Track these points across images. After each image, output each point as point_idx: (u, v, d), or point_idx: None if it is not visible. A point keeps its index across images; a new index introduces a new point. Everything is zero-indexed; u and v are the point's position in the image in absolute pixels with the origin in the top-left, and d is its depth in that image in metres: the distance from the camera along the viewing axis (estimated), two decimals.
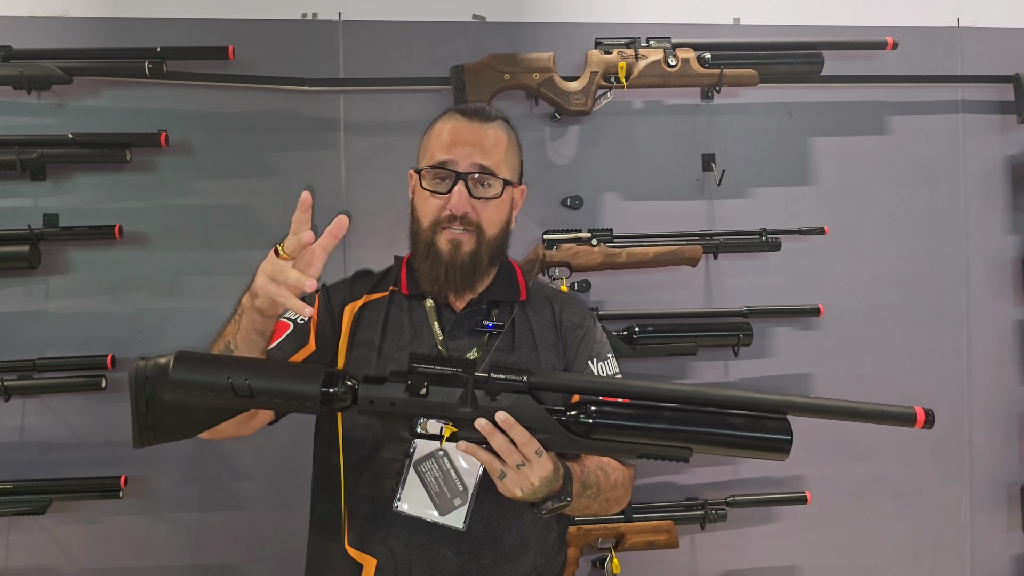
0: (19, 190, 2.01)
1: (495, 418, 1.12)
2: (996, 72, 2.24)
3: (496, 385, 1.14)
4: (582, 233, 2.07)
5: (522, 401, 1.14)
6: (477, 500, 1.30)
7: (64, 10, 2.04)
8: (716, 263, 2.17)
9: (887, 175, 2.26)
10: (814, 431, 2.20)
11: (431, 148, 1.40)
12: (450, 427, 1.14)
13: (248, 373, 1.12)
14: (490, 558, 1.31)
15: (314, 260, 1.16)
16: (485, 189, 1.37)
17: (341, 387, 1.14)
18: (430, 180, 1.37)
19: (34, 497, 1.94)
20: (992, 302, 2.29)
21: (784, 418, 1.14)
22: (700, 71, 2.06)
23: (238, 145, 2.07)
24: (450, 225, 1.35)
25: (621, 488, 1.41)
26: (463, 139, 1.37)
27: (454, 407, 1.13)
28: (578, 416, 1.14)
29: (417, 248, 1.40)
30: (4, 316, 2.01)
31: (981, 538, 2.29)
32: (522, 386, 1.14)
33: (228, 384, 1.11)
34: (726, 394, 1.18)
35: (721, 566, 2.21)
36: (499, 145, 1.40)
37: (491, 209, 1.37)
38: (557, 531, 1.44)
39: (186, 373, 1.12)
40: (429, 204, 1.37)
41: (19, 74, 1.93)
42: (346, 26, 2.10)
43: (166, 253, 2.05)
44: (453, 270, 1.35)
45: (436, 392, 1.14)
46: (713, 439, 1.13)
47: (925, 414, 1.13)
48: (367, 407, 1.14)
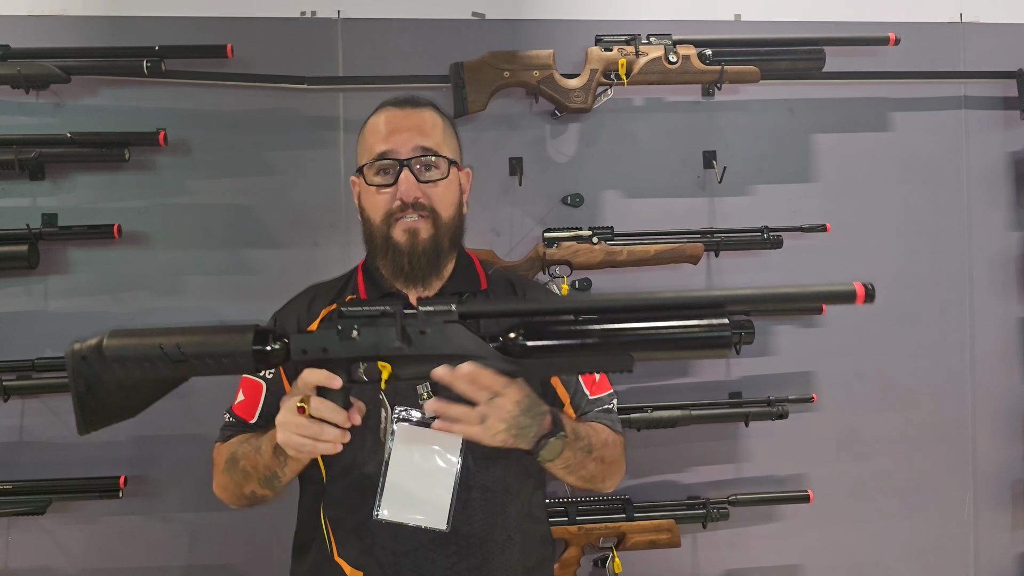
0: (17, 189, 2.01)
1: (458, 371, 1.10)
2: (999, 68, 2.24)
3: (425, 317, 1.13)
4: (583, 231, 2.06)
5: (454, 330, 1.12)
6: (461, 499, 1.28)
7: (62, 9, 2.03)
8: (717, 261, 2.17)
9: (889, 172, 2.25)
10: (816, 430, 2.21)
11: (368, 143, 1.38)
12: (386, 365, 1.12)
13: (179, 338, 1.12)
14: (479, 556, 1.29)
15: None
16: (431, 171, 1.35)
17: (273, 342, 1.14)
18: (374, 175, 1.35)
19: (34, 497, 1.94)
20: (995, 299, 2.28)
21: (722, 311, 1.10)
22: (701, 68, 2.05)
23: (237, 144, 2.06)
24: (403, 215, 1.33)
25: (613, 448, 1.38)
26: (400, 126, 1.36)
27: (387, 344, 1.12)
28: (515, 339, 1.12)
29: (374, 246, 1.38)
30: (3, 316, 2.01)
31: (985, 536, 2.28)
32: (452, 315, 1.13)
33: (160, 351, 1.12)
34: (663, 297, 1.15)
35: (723, 565, 2.20)
36: (436, 126, 1.39)
37: (441, 190, 1.35)
38: (543, 524, 1.43)
39: (120, 347, 1.13)
40: (377, 199, 1.35)
41: (17, 73, 1.92)
42: (345, 24, 2.10)
43: (165, 252, 2.04)
44: (415, 258, 1.33)
45: (367, 334, 1.13)
46: (651, 343, 1.10)
47: (865, 288, 1.08)
48: (301, 357, 1.13)
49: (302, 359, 1.14)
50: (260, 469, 1.27)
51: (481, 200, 2.11)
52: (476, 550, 1.30)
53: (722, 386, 2.18)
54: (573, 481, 1.34)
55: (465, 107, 2.02)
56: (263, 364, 1.14)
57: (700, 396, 2.13)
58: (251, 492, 1.32)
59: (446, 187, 1.36)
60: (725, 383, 2.18)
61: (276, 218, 2.07)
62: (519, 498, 1.35)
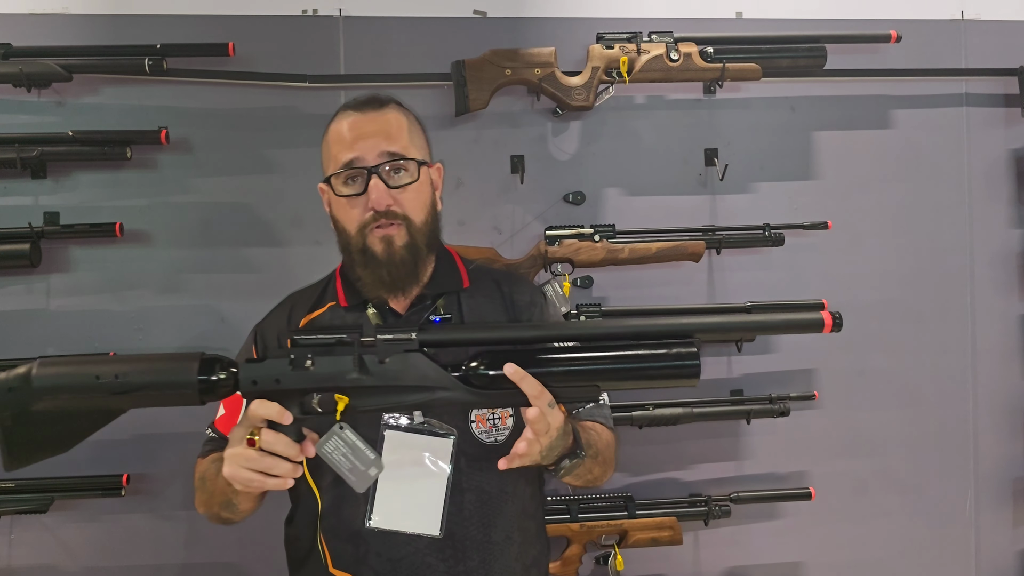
0: (19, 188, 2.01)
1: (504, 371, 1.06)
2: (1000, 65, 2.24)
3: (385, 346, 1.08)
4: (584, 229, 2.06)
5: (414, 360, 1.09)
6: (455, 503, 1.27)
7: (64, 7, 2.03)
8: (719, 258, 2.17)
9: (891, 169, 2.25)
10: (818, 428, 2.21)
11: (333, 152, 1.33)
12: (343, 397, 1.08)
13: (118, 368, 1.06)
14: (478, 558, 1.28)
15: None
16: (400, 176, 1.30)
17: (220, 372, 1.08)
18: (342, 184, 1.31)
19: (36, 495, 1.94)
20: (997, 296, 2.28)
21: (690, 341, 1.08)
22: (702, 65, 2.05)
23: (239, 142, 2.06)
24: (376, 223, 1.29)
25: (611, 448, 1.38)
26: (364, 131, 1.31)
27: (343, 375, 1.07)
28: (477, 368, 1.09)
29: (351, 257, 1.34)
30: (5, 315, 2.01)
31: (986, 534, 2.28)
32: (412, 344, 1.09)
33: (97, 382, 1.05)
34: (630, 327, 1.13)
35: (725, 563, 2.20)
36: (402, 127, 1.34)
37: (412, 194, 1.31)
38: (537, 517, 1.42)
39: (51, 377, 1.06)
40: (349, 211, 1.31)
41: (19, 72, 1.92)
42: (346, 22, 2.10)
43: (167, 251, 2.04)
44: (393, 267, 1.30)
45: (322, 363, 1.08)
46: (618, 373, 1.08)
47: (832, 317, 1.10)
48: (251, 388, 1.08)
49: (252, 390, 1.08)
50: (218, 494, 1.26)
51: (483, 198, 2.12)
52: (473, 552, 1.28)
53: (724, 384, 2.18)
54: (576, 484, 1.34)
55: (467, 105, 2.02)
56: (210, 395, 1.09)
57: (702, 394, 2.13)
58: (216, 514, 1.31)
59: (417, 190, 1.32)
60: (727, 380, 2.18)
61: (278, 216, 2.07)
62: (516, 497, 1.34)
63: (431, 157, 1.42)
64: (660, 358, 1.08)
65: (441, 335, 1.13)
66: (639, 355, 1.08)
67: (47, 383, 1.06)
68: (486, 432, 1.30)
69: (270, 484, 1.09)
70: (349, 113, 1.35)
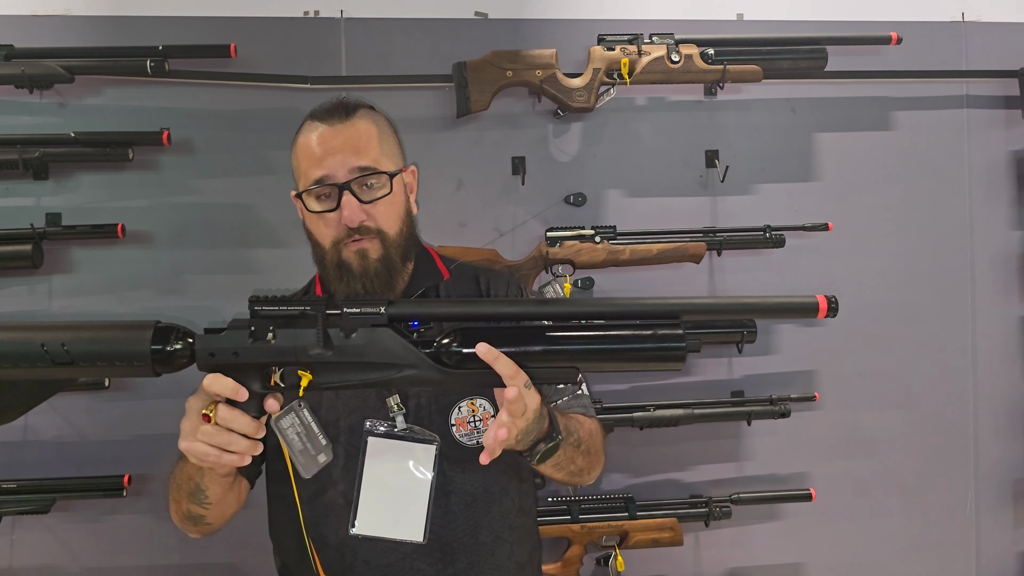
0: (21, 189, 2.01)
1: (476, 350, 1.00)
2: (1001, 67, 2.24)
3: (351, 320, 1.02)
4: (585, 230, 2.06)
5: (382, 335, 1.02)
6: (440, 506, 1.26)
7: (66, 9, 2.03)
8: (720, 260, 2.17)
9: (891, 171, 2.25)
10: (818, 429, 2.22)
11: (303, 167, 1.29)
12: (306, 374, 1.03)
13: (66, 336, 1.00)
14: (466, 561, 1.27)
15: None
16: (373, 190, 1.27)
17: (176, 343, 1.02)
18: (314, 201, 1.28)
19: (38, 496, 1.94)
20: (997, 298, 2.29)
21: (676, 322, 1.02)
22: (703, 67, 2.05)
23: (240, 143, 2.06)
24: (350, 239, 1.26)
25: (596, 438, 1.35)
26: (331, 146, 1.27)
27: (305, 349, 1.01)
28: (449, 345, 1.02)
29: (327, 271, 1.31)
30: (7, 315, 2.00)
31: (986, 535, 2.28)
32: (381, 318, 1.02)
33: (42, 351, 0.99)
34: (616, 304, 1.07)
35: (725, 564, 2.21)
36: (371, 138, 1.29)
37: (385, 207, 1.28)
38: (531, 513, 1.40)
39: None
40: (322, 227, 1.28)
41: (21, 73, 1.92)
42: (348, 24, 2.10)
43: (169, 252, 2.05)
44: (368, 280, 1.27)
45: (284, 336, 1.02)
46: (598, 354, 1.02)
47: (828, 301, 1.02)
48: (207, 360, 1.02)
49: (210, 363, 1.03)
50: (185, 483, 1.23)
51: (483, 199, 2.12)
52: (462, 555, 1.27)
53: (724, 385, 2.18)
54: (560, 477, 1.29)
55: (468, 106, 2.02)
56: (164, 367, 1.04)
57: (702, 395, 2.13)
58: (187, 511, 1.27)
59: (390, 203, 1.29)
60: (727, 382, 2.19)
61: (279, 217, 2.07)
62: (505, 497, 1.32)
63: (404, 160, 1.39)
64: (644, 339, 1.01)
65: (412, 308, 1.06)
66: (621, 335, 1.02)
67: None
68: (467, 435, 1.29)
69: (227, 460, 1.05)
70: (316, 125, 1.31)
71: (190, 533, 1.33)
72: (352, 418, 1.28)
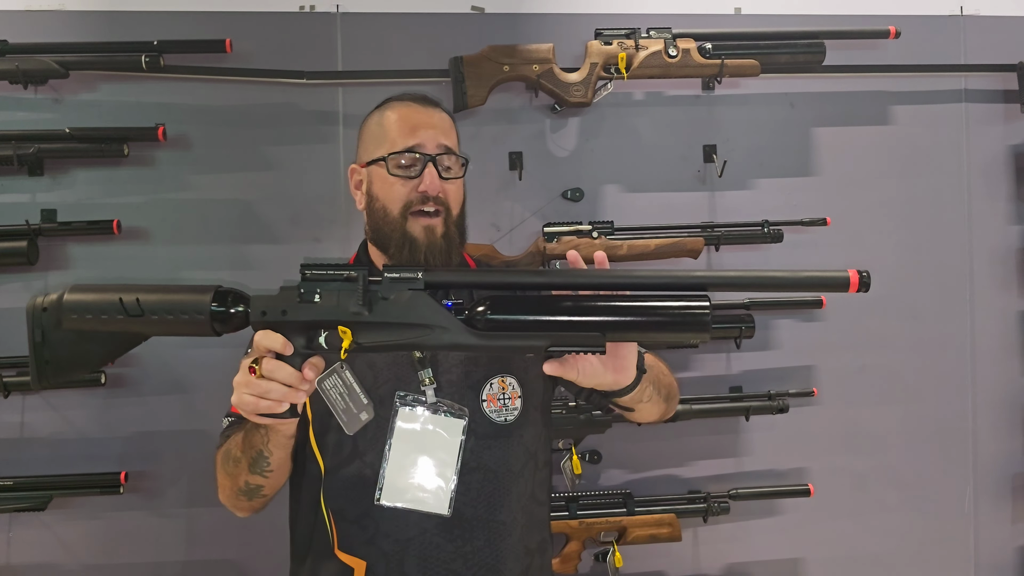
0: (17, 185, 2.00)
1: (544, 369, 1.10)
2: (999, 61, 2.23)
3: (390, 284, 1.10)
4: (583, 225, 2.06)
5: (418, 298, 1.10)
6: (463, 482, 1.29)
7: (60, 4, 2.02)
8: (718, 255, 2.16)
9: (890, 165, 2.25)
10: (817, 424, 2.21)
11: (392, 135, 1.38)
12: (346, 331, 1.10)
13: (139, 293, 1.12)
14: (483, 538, 1.30)
15: None
16: (450, 170, 1.38)
17: (233, 303, 1.13)
18: (396, 166, 1.36)
19: (35, 493, 1.94)
20: (996, 293, 2.28)
21: (703, 295, 1.06)
22: (701, 61, 2.04)
23: (236, 139, 2.06)
24: (421, 207, 1.34)
25: (675, 386, 1.41)
26: (424, 122, 1.38)
27: (347, 309, 1.09)
28: (484, 312, 1.08)
29: (386, 238, 1.37)
30: (2, 312, 2.00)
31: (985, 529, 2.28)
32: (417, 283, 1.10)
33: (118, 303, 1.11)
34: (641, 276, 1.10)
35: (724, 559, 2.21)
36: (452, 128, 1.43)
37: (456, 189, 1.39)
38: (545, 504, 1.44)
39: (79, 298, 1.13)
40: (397, 190, 1.35)
41: (15, 68, 1.91)
42: (344, 18, 2.09)
43: (165, 248, 2.04)
44: (432, 254, 1.34)
45: (329, 298, 1.10)
46: (623, 323, 1.06)
47: (859, 275, 1.04)
48: (259, 319, 1.11)
49: (260, 321, 1.11)
50: (247, 451, 1.27)
51: (481, 195, 2.11)
52: (480, 532, 1.30)
53: (723, 380, 2.18)
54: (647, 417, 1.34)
55: (465, 101, 2.01)
56: (222, 325, 1.13)
57: (701, 390, 2.13)
58: (244, 483, 1.30)
59: (459, 186, 1.40)
60: (726, 377, 2.19)
61: (276, 213, 2.07)
62: (522, 479, 1.35)
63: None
64: (669, 308, 1.06)
65: (447, 277, 1.15)
66: (647, 306, 1.06)
67: (76, 304, 1.12)
68: (496, 411, 1.34)
69: (263, 406, 1.11)
70: (407, 103, 1.42)
71: (240, 511, 1.38)
72: (384, 389, 1.32)
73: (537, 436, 1.37)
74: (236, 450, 1.29)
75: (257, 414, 1.12)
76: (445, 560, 1.28)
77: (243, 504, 1.35)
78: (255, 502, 1.34)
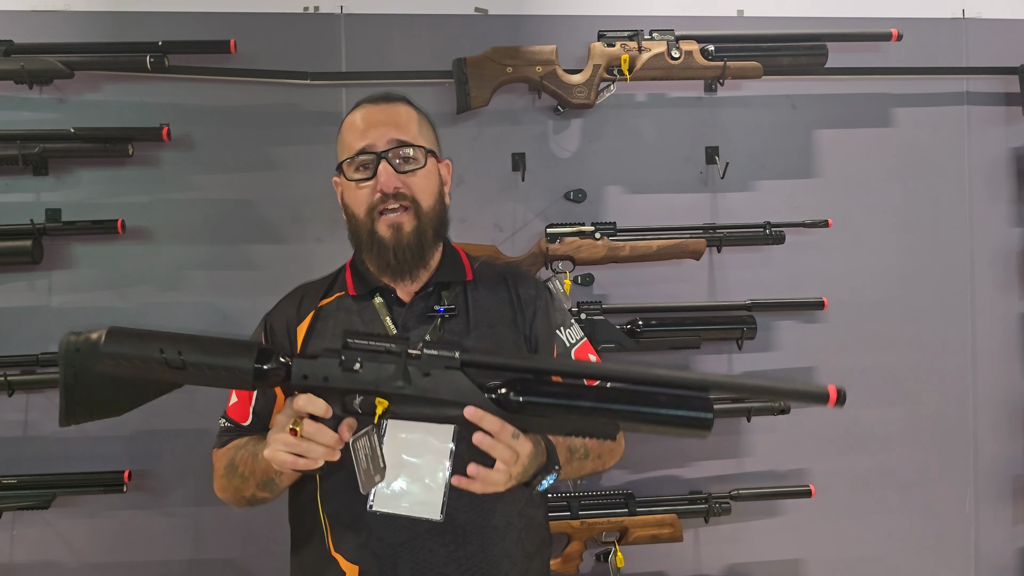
0: (21, 185, 2.01)
1: (464, 414, 1.13)
2: (1001, 64, 2.24)
3: (429, 360, 1.14)
4: (585, 226, 2.06)
5: (454, 377, 1.14)
6: (454, 487, 1.28)
7: (65, 4, 2.03)
8: (720, 256, 2.17)
9: (892, 167, 2.25)
10: (818, 425, 2.22)
11: (347, 141, 1.39)
12: (383, 401, 1.14)
13: (181, 346, 1.13)
14: (477, 543, 1.31)
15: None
16: (408, 162, 1.36)
17: (274, 363, 1.14)
18: (353, 171, 1.36)
19: (38, 492, 1.94)
20: (997, 295, 2.29)
21: (706, 396, 1.13)
22: (703, 63, 2.05)
23: (240, 139, 2.06)
24: (385, 207, 1.34)
25: (612, 443, 1.38)
26: (375, 121, 1.38)
27: (387, 381, 1.13)
28: (508, 393, 1.15)
29: (360, 242, 1.39)
30: (7, 311, 2.01)
31: (986, 531, 2.29)
32: (454, 363, 1.14)
33: (160, 356, 1.11)
34: (651, 373, 1.17)
35: (725, 559, 2.21)
36: (411, 119, 1.40)
37: (420, 179, 1.37)
38: (542, 509, 1.44)
39: (119, 345, 1.12)
40: (359, 194, 1.36)
41: (20, 68, 1.92)
42: (348, 19, 2.10)
43: (168, 247, 2.05)
44: (400, 252, 1.35)
45: (370, 369, 1.14)
46: (637, 416, 1.13)
47: (837, 392, 1.14)
48: (301, 382, 1.14)
49: (302, 384, 1.15)
50: (258, 474, 1.30)
51: (484, 195, 2.12)
52: (474, 537, 1.31)
53: None
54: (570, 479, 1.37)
55: (468, 103, 2.02)
56: (262, 382, 1.15)
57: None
58: (251, 495, 1.34)
59: (425, 176, 1.38)
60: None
61: (279, 213, 2.07)
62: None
63: (440, 153, 1.47)
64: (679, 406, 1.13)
65: (481, 358, 1.18)
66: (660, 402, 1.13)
67: (114, 350, 1.12)
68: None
69: (301, 464, 1.15)
70: (363, 106, 1.42)
71: (236, 505, 1.40)
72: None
73: None
74: (244, 468, 1.32)
75: (293, 469, 1.16)
76: (438, 565, 1.29)
77: (243, 506, 1.39)
78: (254, 504, 1.38)
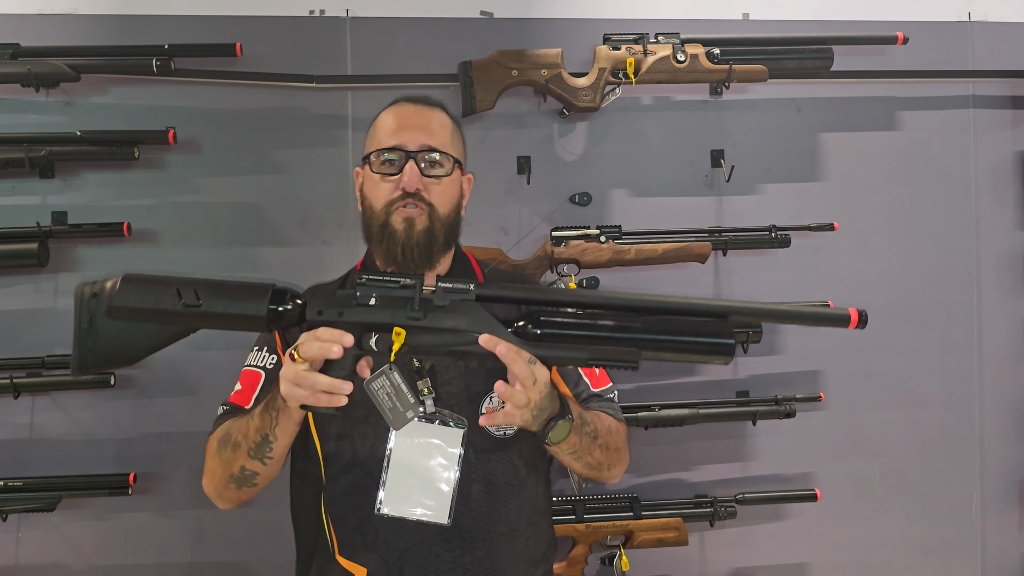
0: (28, 188, 2.01)
1: (479, 341, 1.12)
2: (1007, 67, 2.24)
3: (443, 293, 1.15)
4: (590, 230, 2.06)
5: (472, 308, 1.14)
6: (463, 493, 1.29)
7: (72, 8, 2.04)
8: (725, 260, 2.17)
9: (897, 171, 2.25)
10: (824, 429, 2.21)
11: (379, 135, 1.40)
12: (399, 335, 1.13)
13: (197, 286, 1.12)
14: (484, 548, 1.30)
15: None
16: (435, 168, 1.37)
17: (289, 303, 1.14)
18: (380, 164, 1.37)
19: (44, 494, 1.94)
20: (1003, 299, 2.28)
21: (726, 320, 1.14)
22: (709, 67, 2.05)
23: (246, 142, 2.07)
24: (402, 203, 1.35)
25: (616, 435, 1.39)
26: (410, 122, 1.39)
27: (402, 313, 1.14)
28: (526, 325, 1.15)
29: (371, 233, 1.39)
30: (13, 314, 2.01)
31: (992, 535, 2.28)
32: (469, 295, 1.15)
33: (176, 293, 1.11)
34: (670, 300, 1.19)
35: (730, 564, 2.21)
36: (445, 127, 1.42)
37: (442, 187, 1.38)
38: (547, 515, 1.44)
39: (136, 289, 1.12)
40: (381, 187, 1.37)
41: (27, 72, 1.92)
42: (354, 23, 2.10)
43: (174, 250, 2.05)
44: (409, 248, 1.34)
45: (384, 302, 1.14)
46: (658, 342, 1.14)
47: (859, 314, 1.17)
48: (316, 318, 1.14)
49: (317, 320, 1.15)
50: (251, 435, 1.26)
51: (489, 199, 2.12)
52: (480, 543, 1.30)
53: (730, 385, 2.18)
54: (580, 468, 1.35)
55: (473, 106, 2.02)
56: (276, 323, 1.15)
57: (708, 395, 2.13)
58: (240, 469, 1.28)
59: (447, 185, 1.38)
60: (733, 382, 2.18)
61: (285, 216, 2.07)
62: (523, 490, 1.36)
63: (465, 167, 1.48)
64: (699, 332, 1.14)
65: (496, 291, 1.18)
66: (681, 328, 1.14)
67: (131, 293, 1.11)
68: (495, 425, 1.32)
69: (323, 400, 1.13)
70: (401, 104, 1.43)
71: (224, 502, 1.36)
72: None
73: (537, 448, 1.35)
74: (237, 435, 1.28)
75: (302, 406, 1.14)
76: (444, 569, 1.29)
77: (230, 494, 1.34)
78: (244, 492, 1.32)
